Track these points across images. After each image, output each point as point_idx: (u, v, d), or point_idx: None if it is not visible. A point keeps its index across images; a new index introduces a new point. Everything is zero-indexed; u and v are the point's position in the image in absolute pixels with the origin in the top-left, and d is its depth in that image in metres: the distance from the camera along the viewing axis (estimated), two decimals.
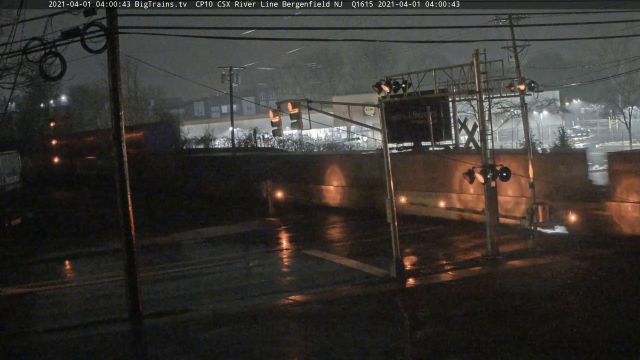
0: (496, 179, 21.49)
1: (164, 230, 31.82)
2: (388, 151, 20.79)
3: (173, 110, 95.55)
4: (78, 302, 20.96)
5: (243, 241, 29.62)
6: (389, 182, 20.75)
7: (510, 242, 23.41)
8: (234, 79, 60.55)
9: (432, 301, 18.06)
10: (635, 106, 78.25)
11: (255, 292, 20.55)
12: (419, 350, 14.58)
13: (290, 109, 21.17)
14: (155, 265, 24.97)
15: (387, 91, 21.68)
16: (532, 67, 71.88)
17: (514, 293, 18.06)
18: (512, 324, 15.54)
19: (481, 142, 22.16)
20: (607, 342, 13.95)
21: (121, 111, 17.30)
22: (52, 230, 34.20)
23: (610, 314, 15.77)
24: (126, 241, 17.53)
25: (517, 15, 44.44)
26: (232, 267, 25.03)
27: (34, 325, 18.61)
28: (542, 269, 20.17)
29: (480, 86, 21.96)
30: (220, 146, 71.73)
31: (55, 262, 27.20)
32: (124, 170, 17.42)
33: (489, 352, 13.88)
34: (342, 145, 69.11)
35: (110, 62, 17.04)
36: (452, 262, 22.13)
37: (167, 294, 20.80)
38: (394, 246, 20.33)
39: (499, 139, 60.03)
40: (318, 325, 16.70)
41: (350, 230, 30.11)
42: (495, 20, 46.02)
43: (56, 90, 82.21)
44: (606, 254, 21.41)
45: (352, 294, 19.29)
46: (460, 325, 15.69)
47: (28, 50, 15.88)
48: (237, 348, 15.22)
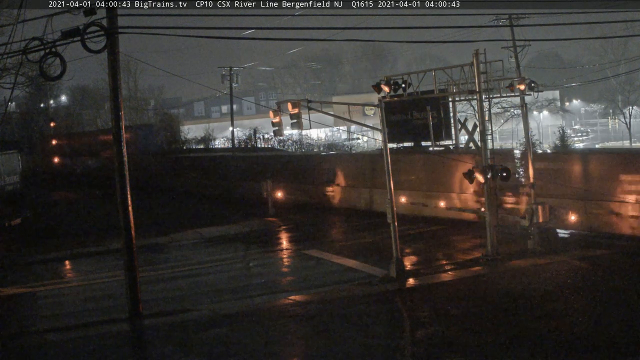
0: (496, 179, 21.50)
1: (164, 230, 31.81)
2: (388, 151, 20.79)
3: (173, 110, 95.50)
4: (78, 302, 20.95)
5: (243, 241, 29.60)
6: (389, 182, 20.75)
7: (510, 242, 23.41)
8: (234, 79, 60.62)
9: (432, 301, 18.05)
10: (635, 106, 78.29)
11: (255, 292, 20.55)
12: (419, 350, 14.58)
13: (290, 109, 21.16)
14: (155, 265, 24.98)
15: (387, 91, 21.69)
16: (532, 67, 71.97)
17: (514, 293, 18.06)
18: (512, 324, 15.55)
19: (481, 142, 22.17)
20: (607, 342, 13.96)
21: (121, 111, 17.30)
22: (52, 230, 34.18)
23: (610, 314, 15.78)
24: (126, 241, 17.54)
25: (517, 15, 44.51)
26: (232, 267, 25.03)
27: (34, 325, 18.60)
28: (542, 269, 20.17)
29: (480, 86, 21.96)
30: (220, 146, 71.74)
31: (55, 262, 27.18)
32: (124, 170, 17.43)
33: (489, 352, 13.89)
34: (342, 145, 69.08)
35: (110, 62, 17.04)
36: (452, 262, 22.13)
37: (167, 294, 20.80)
38: (394, 246, 20.33)
39: (499, 139, 60.03)
40: (318, 325, 16.70)
41: (350, 230, 30.10)
42: (495, 20, 46.09)
43: (56, 90, 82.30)
44: (606, 254, 21.42)
45: (352, 294, 19.29)
46: (460, 325, 15.70)
47: (28, 50, 15.89)
48: (237, 348, 15.22)
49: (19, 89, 42.35)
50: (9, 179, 49.51)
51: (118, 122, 17.24)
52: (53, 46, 15.58)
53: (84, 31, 15.69)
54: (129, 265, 17.50)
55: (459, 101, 31.97)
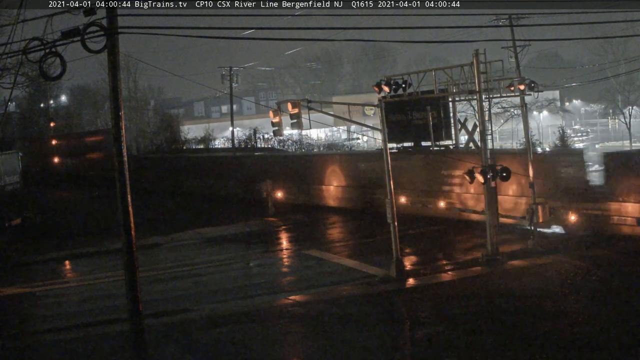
0: (496, 179, 21.49)
1: (164, 230, 31.81)
2: (388, 151, 20.79)
3: (173, 110, 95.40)
4: (78, 302, 20.96)
5: (243, 241, 29.60)
6: (389, 182, 20.75)
7: (510, 242, 23.40)
8: (234, 79, 60.53)
9: (432, 301, 18.05)
10: (635, 106, 78.18)
11: (255, 292, 20.56)
12: (419, 350, 14.57)
13: (290, 109, 21.16)
14: (155, 265, 24.98)
15: (387, 91, 21.68)
16: (532, 67, 71.90)
17: (514, 293, 18.06)
18: (512, 324, 15.55)
19: (481, 142, 22.16)
20: (607, 341, 13.96)
21: (121, 111, 17.27)
22: (52, 230, 34.17)
23: (610, 314, 15.77)
24: (126, 241, 17.51)
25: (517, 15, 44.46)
26: (232, 267, 25.03)
27: (34, 325, 18.61)
28: (542, 269, 20.17)
29: (480, 86, 21.96)
30: (220, 146, 71.66)
31: (55, 262, 27.19)
32: (124, 170, 17.38)
33: (489, 352, 13.89)
34: (342, 145, 69.05)
35: (110, 62, 17.01)
36: (452, 262, 22.13)
37: (167, 294, 20.80)
38: (394, 246, 20.33)
39: (499, 139, 59.98)
40: (318, 325, 16.70)
41: (350, 230, 30.10)
42: (495, 20, 46.02)
43: (56, 90, 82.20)
44: (606, 254, 21.42)
45: (352, 294, 19.30)
46: (460, 325, 15.69)
47: (28, 50, 15.86)
48: (237, 348, 15.23)
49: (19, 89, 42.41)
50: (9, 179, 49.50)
51: (118, 122, 17.21)
52: (53, 46, 15.55)
53: (84, 31, 15.67)
54: (129, 265, 17.45)
55: (458, 101, 32.01)
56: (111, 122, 17.58)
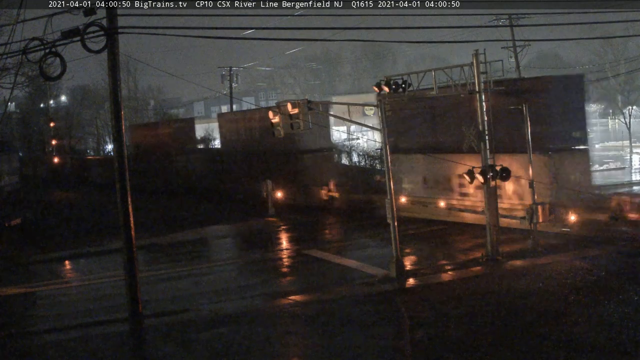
0: (496, 179, 21.49)
1: (164, 229, 31.81)
2: (388, 151, 20.77)
3: (173, 111, 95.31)
4: (78, 302, 20.94)
5: (243, 241, 29.60)
6: (389, 182, 20.74)
7: (510, 242, 23.40)
8: (234, 79, 60.57)
9: (432, 301, 18.04)
10: (635, 106, 78.18)
11: (255, 292, 20.55)
12: (419, 350, 14.57)
13: (290, 110, 21.15)
14: (155, 265, 24.97)
15: (387, 91, 21.67)
16: (532, 67, 71.87)
17: (514, 293, 18.06)
18: (512, 324, 15.54)
19: (481, 142, 22.15)
20: (607, 341, 13.95)
21: (121, 111, 17.28)
22: (52, 230, 34.18)
23: (610, 314, 15.76)
24: (126, 241, 17.51)
25: (517, 15, 44.49)
26: (232, 267, 25.03)
27: (34, 325, 18.61)
28: (542, 269, 20.16)
29: (480, 86, 21.95)
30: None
31: (55, 262, 27.19)
32: (124, 169, 17.39)
33: (489, 352, 13.88)
34: (342, 145, 68.92)
35: (110, 62, 17.02)
36: (452, 262, 22.12)
37: (167, 294, 20.80)
38: (394, 246, 20.32)
39: None
40: (318, 325, 16.70)
41: (350, 230, 30.08)
42: (495, 20, 46.06)
43: (56, 90, 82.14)
44: (606, 254, 21.42)
45: (352, 294, 19.29)
46: (460, 325, 15.69)
47: (28, 50, 15.87)
48: (237, 348, 15.22)
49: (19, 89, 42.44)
50: (9, 179, 49.52)
51: (118, 122, 17.21)
52: (53, 46, 15.56)
53: (84, 31, 15.68)
54: (128, 265, 17.46)
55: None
56: (111, 122, 17.59)
